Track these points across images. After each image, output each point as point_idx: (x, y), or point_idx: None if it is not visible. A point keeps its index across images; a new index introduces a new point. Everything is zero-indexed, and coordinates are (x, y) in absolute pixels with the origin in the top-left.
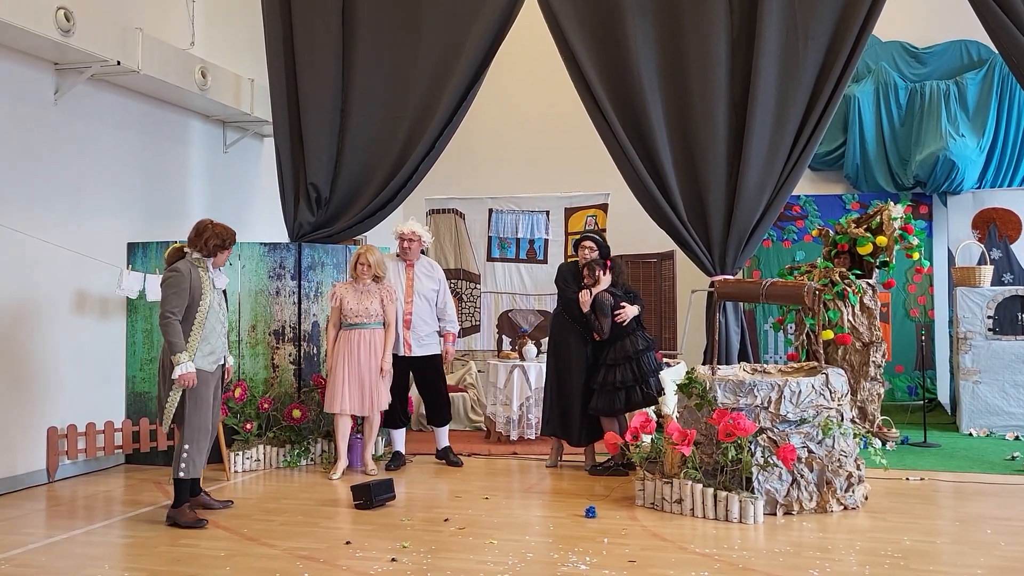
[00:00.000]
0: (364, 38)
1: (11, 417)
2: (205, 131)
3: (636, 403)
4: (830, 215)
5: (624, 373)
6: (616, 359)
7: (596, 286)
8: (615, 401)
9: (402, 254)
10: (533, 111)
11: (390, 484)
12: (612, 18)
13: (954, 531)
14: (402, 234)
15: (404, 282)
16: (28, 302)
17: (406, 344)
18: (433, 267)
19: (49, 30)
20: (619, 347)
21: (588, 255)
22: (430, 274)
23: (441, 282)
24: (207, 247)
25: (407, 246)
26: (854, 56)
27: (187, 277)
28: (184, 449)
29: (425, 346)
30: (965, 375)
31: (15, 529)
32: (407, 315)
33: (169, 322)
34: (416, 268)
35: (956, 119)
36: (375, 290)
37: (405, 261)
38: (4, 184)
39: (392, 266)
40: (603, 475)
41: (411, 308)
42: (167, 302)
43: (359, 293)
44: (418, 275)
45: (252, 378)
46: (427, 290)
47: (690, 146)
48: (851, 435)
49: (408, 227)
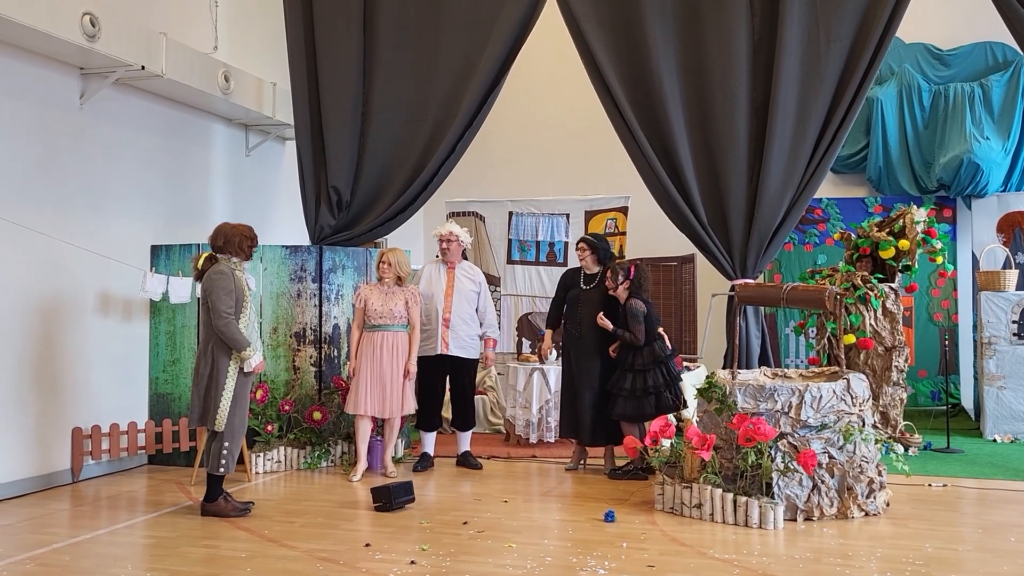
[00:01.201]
0: (385, 41)
1: (37, 417)
2: (228, 134)
3: (666, 407)
4: (852, 218)
5: (655, 377)
6: (645, 364)
7: (616, 291)
8: (644, 406)
9: (442, 256)
10: (553, 114)
11: (409, 486)
12: (632, 21)
13: (977, 539)
14: (441, 235)
15: (444, 282)
16: (53, 304)
17: (443, 342)
18: (474, 270)
19: (75, 35)
20: (647, 351)
21: (580, 255)
22: (471, 276)
23: (482, 285)
24: (243, 250)
25: (446, 247)
26: (877, 58)
27: (231, 278)
28: (224, 446)
29: (464, 347)
30: (989, 380)
31: (40, 528)
32: (446, 313)
33: (227, 322)
34: (457, 270)
35: (981, 121)
36: (399, 292)
37: (446, 263)
38: (31, 187)
39: (433, 267)
40: (622, 479)
41: (450, 306)
42: (221, 303)
43: (383, 295)
44: (459, 276)
45: (273, 380)
46: (467, 291)
47: (711, 149)
48: (872, 441)
49: (446, 228)
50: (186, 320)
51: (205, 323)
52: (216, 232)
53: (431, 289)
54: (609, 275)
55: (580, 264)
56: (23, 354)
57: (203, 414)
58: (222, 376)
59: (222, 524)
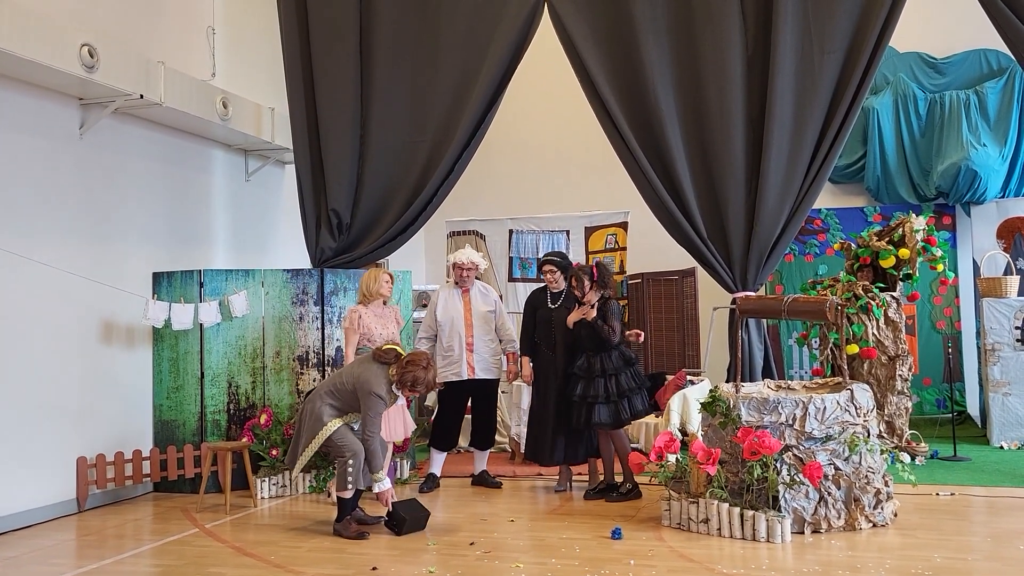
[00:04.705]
0: (382, 64)
1: (41, 447)
2: (227, 160)
3: (638, 412)
4: (852, 228)
5: (628, 381)
6: (616, 367)
7: (585, 297)
8: (620, 411)
9: (460, 283)
10: (551, 131)
11: (419, 508)
12: (627, 37)
13: (987, 548)
14: (461, 264)
15: (462, 307)
16: (56, 333)
17: (469, 367)
18: (488, 290)
19: (74, 67)
20: (616, 355)
21: (551, 277)
22: (485, 295)
23: (496, 303)
24: (404, 383)
25: (465, 275)
26: (871, 69)
27: (386, 403)
28: (349, 464)
29: (488, 369)
30: (994, 387)
31: (46, 559)
32: (468, 339)
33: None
34: (472, 292)
35: (977, 128)
36: (390, 313)
37: (461, 288)
38: (32, 217)
39: (447, 293)
40: (615, 501)
41: (472, 332)
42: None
43: (379, 317)
44: (474, 298)
45: (277, 404)
46: (485, 313)
47: (708, 163)
48: (878, 451)
49: (465, 256)
50: (189, 346)
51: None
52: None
53: (449, 315)
54: (574, 283)
55: (546, 283)
56: (27, 383)
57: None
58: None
59: (228, 551)
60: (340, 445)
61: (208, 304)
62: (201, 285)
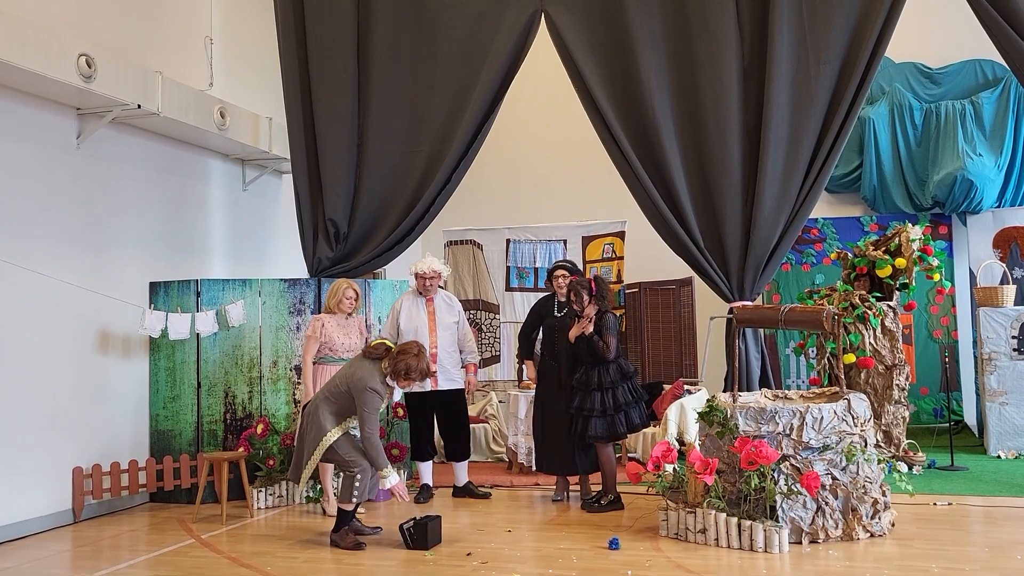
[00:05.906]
0: (379, 74)
1: (37, 457)
2: (225, 170)
3: (635, 425)
4: (848, 238)
5: (625, 395)
6: (614, 381)
7: (584, 311)
8: (616, 425)
9: (424, 292)
10: (548, 141)
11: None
12: (624, 48)
13: (984, 557)
14: (423, 273)
15: (426, 316)
16: (53, 342)
17: (432, 379)
18: (452, 299)
19: (71, 77)
20: (614, 368)
21: (562, 282)
22: (449, 305)
23: (460, 313)
24: (398, 373)
25: (428, 284)
26: (867, 79)
27: (383, 399)
28: (356, 478)
29: (452, 379)
30: (991, 396)
31: (41, 571)
32: (432, 349)
33: (372, 443)
34: (436, 302)
35: (973, 138)
36: (354, 324)
37: (425, 296)
38: (30, 226)
39: (411, 301)
40: (597, 511)
41: (436, 341)
42: (371, 424)
43: (342, 327)
44: (438, 308)
45: (274, 414)
46: (449, 323)
47: (705, 173)
48: (875, 461)
49: (427, 265)
50: (185, 356)
51: (330, 396)
52: (396, 350)
53: (413, 324)
54: (573, 297)
55: (557, 291)
56: (23, 393)
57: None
58: (320, 435)
59: (224, 562)
60: (348, 460)
61: (205, 314)
62: (198, 294)
